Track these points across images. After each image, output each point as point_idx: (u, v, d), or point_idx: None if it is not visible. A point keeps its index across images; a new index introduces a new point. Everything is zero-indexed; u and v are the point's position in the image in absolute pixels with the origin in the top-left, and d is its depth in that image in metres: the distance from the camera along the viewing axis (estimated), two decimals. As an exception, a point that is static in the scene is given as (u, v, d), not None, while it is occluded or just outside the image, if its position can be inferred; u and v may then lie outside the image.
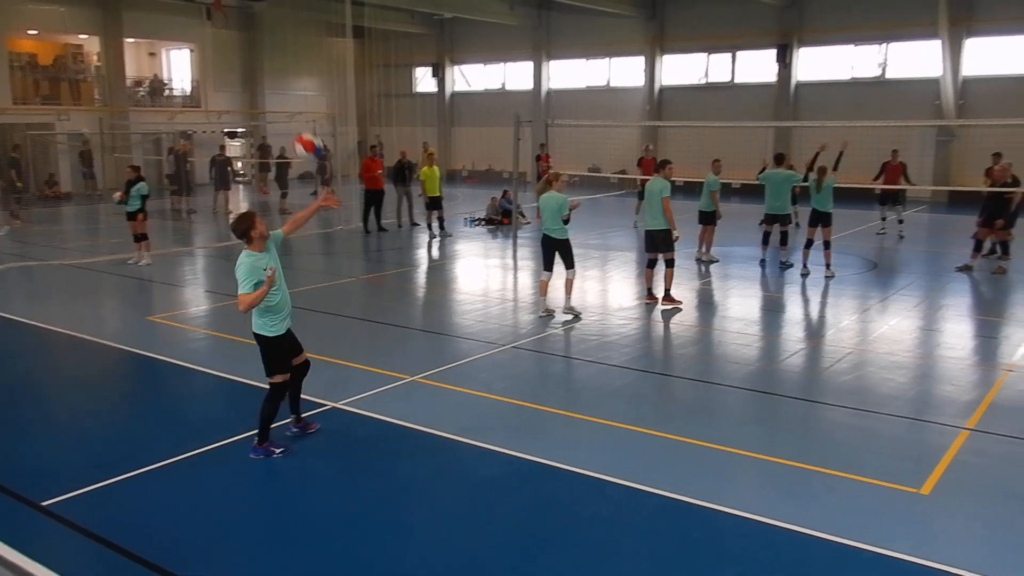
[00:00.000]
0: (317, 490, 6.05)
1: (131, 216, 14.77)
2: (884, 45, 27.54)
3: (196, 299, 12.86)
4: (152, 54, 35.27)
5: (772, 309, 11.98)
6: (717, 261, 15.02)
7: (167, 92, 34.87)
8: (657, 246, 11.55)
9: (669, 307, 11.33)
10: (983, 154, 17.82)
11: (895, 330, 10.49)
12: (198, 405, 8.13)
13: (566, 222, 10.73)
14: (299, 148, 7.40)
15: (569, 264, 10.85)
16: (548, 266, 10.98)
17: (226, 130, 33.53)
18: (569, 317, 10.87)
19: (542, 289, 11.05)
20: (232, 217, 6.76)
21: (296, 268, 15.92)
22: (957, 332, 10.54)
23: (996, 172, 14.47)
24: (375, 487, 6.05)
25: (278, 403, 6.53)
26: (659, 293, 11.64)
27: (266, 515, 5.68)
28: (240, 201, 27.75)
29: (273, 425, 6.54)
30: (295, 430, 6.90)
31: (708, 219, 14.88)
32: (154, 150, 31.69)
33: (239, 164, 36.53)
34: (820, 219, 13.51)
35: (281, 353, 6.59)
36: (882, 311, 11.49)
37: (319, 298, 12.29)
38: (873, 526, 5.34)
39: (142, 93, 33.65)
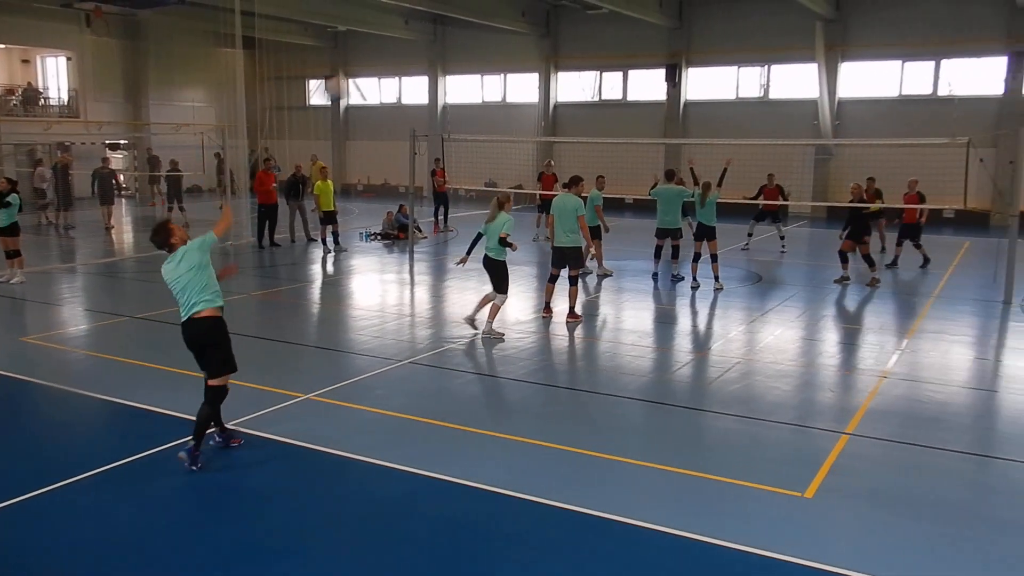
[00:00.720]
0: (206, 517, 5.82)
1: (5, 231, 13.93)
2: (766, 67, 28.77)
3: (75, 318, 12.23)
4: (26, 61, 33.48)
5: (664, 321, 12.29)
6: (611, 274, 15.29)
7: (42, 101, 33.16)
8: (566, 262, 11.58)
9: (572, 322, 11.39)
10: (858, 172, 18.84)
11: (779, 340, 10.91)
12: (77, 430, 7.70)
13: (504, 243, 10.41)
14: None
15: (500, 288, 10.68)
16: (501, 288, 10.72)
17: (107, 142, 32.12)
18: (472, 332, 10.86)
19: (483, 305, 10.89)
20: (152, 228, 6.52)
21: (184, 285, 15.38)
22: (836, 341, 11.05)
23: (853, 189, 15.25)
24: (267, 512, 5.86)
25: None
26: (555, 306, 11.76)
27: (147, 546, 5.41)
28: (123, 215, 26.63)
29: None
30: (218, 440, 6.75)
31: (595, 233, 15.11)
32: (28, 162, 30.07)
33: (122, 177, 35.12)
34: (705, 233, 13.93)
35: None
36: (767, 322, 11.93)
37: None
38: (760, 530, 5.52)
39: (14, 102, 31.89)
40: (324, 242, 18.53)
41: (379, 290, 14.75)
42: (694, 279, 14.01)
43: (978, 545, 5.43)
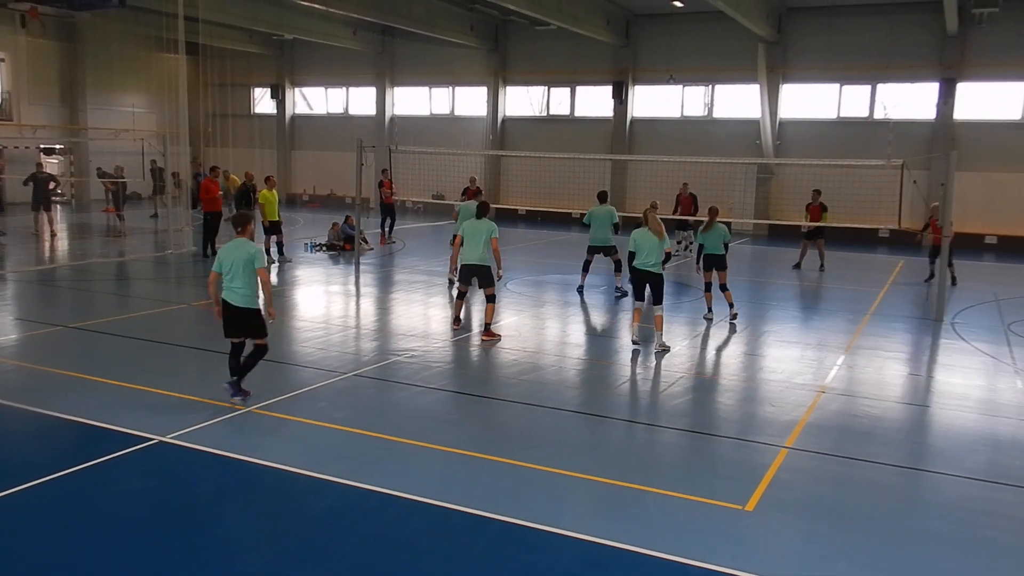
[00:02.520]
0: (134, 534, 5.65)
1: None
2: (710, 87, 29.33)
3: (3, 328, 11.82)
4: (-43, 62, 32.43)
5: (605, 335, 12.37)
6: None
7: (-26, 103, 32.11)
8: (473, 278, 11.51)
9: (489, 340, 11.11)
10: (798, 190, 19.30)
11: (722, 354, 11.07)
12: (3, 444, 7.44)
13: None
14: None
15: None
16: (640, 296, 11.01)
17: (42, 146, 31.23)
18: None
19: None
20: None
21: (123, 294, 15.01)
22: (777, 356, 11.26)
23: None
24: (203, 527, 5.73)
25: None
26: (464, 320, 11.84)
27: (72, 565, 5.24)
28: (57, 220, 25.90)
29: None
30: (228, 386, 8.14)
31: None
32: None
33: (53, 184, 34.13)
34: (713, 263, 13.07)
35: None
36: (709, 337, 12.11)
37: (147, 326, 11.61)
38: (701, 543, 5.58)
39: (-56, 103, 30.85)
40: (268, 252, 18.25)
41: (324, 302, 14.58)
42: (709, 310, 13.06)
43: (908, 555, 5.58)
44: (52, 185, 22.14)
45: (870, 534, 5.84)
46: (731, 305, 12.93)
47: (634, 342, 10.91)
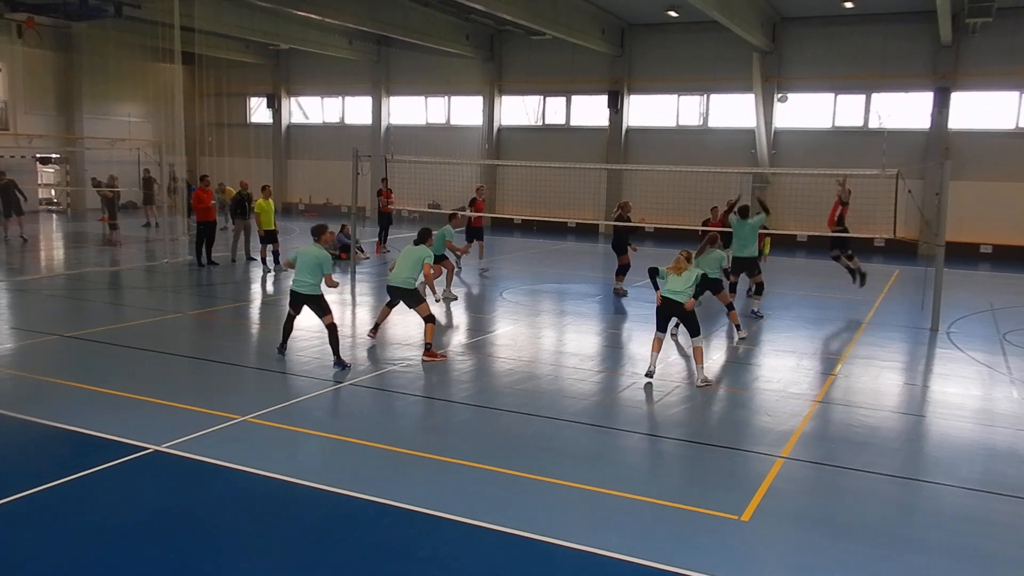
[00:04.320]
0: (134, 543, 5.63)
1: None
2: (705, 96, 29.42)
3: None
4: (-47, 71, 32.42)
5: (606, 345, 12.37)
6: (456, 299, 15.22)
7: (-30, 113, 32.08)
8: (399, 301, 11.23)
9: (429, 361, 10.60)
10: (794, 199, 19.29)
11: (717, 364, 11.08)
12: (-2, 454, 7.42)
13: None
14: None
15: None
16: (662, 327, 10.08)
17: (38, 155, 31.22)
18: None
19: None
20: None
21: (118, 303, 14.98)
22: (773, 366, 11.27)
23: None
24: (199, 537, 5.71)
25: None
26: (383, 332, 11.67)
27: (72, 574, 5.22)
28: (53, 230, 25.86)
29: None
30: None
31: (440, 259, 14.91)
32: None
33: (52, 191, 34.16)
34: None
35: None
36: (704, 346, 12.09)
37: (142, 335, 11.59)
38: (697, 553, 5.58)
39: (-59, 113, 30.82)
40: (264, 261, 18.25)
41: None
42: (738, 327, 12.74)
43: (904, 565, 5.57)
44: (18, 190, 22.23)
45: (866, 544, 5.83)
46: (738, 327, 12.61)
47: (648, 373, 9.95)
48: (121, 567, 5.28)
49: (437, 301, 11.32)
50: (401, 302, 11.17)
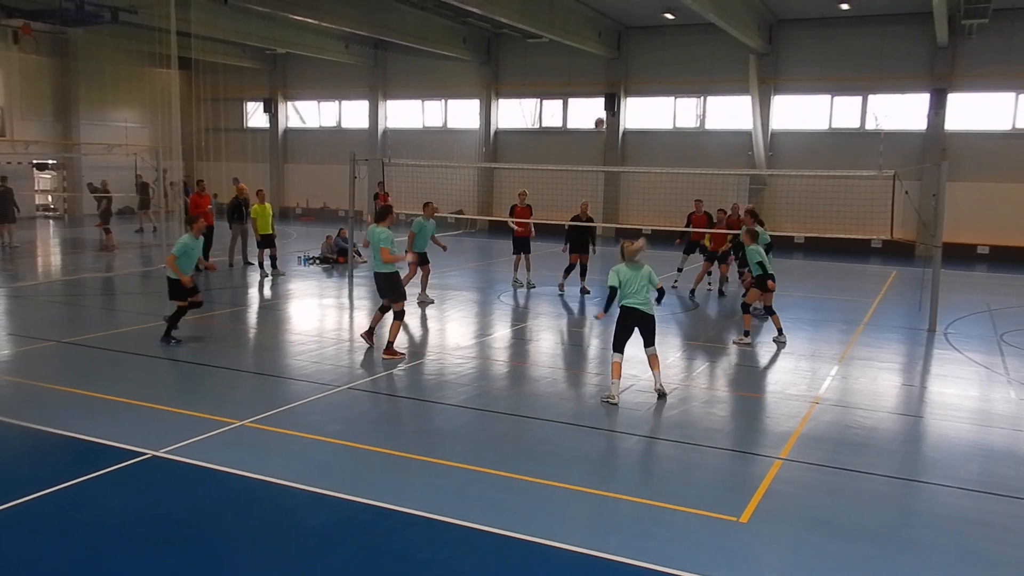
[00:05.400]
0: (131, 548, 5.62)
1: None
2: (702, 98, 29.45)
3: (-4, 343, 11.77)
4: (-50, 78, 32.40)
5: (599, 347, 12.36)
6: (432, 302, 15.09)
7: (-33, 119, 32.06)
8: (382, 292, 11.21)
9: (389, 359, 10.64)
10: (791, 201, 19.33)
11: (716, 366, 11.08)
12: (-4, 460, 7.40)
13: None
14: None
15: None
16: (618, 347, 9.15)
17: (35, 161, 31.18)
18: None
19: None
20: None
21: (115, 308, 14.98)
22: (771, 367, 11.27)
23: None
24: (197, 542, 5.69)
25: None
26: (378, 338, 11.36)
27: (73, 578, 5.22)
28: (50, 236, 25.84)
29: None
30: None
31: (424, 259, 15.06)
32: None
33: (49, 197, 34.13)
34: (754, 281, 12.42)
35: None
36: (702, 349, 12.12)
37: (138, 340, 11.57)
38: (696, 555, 5.57)
39: (-63, 119, 30.79)
40: (261, 266, 18.24)
41: (317, 315, 14.57)
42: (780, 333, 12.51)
43: (902, 566, 5.57)
44: (12, 198, 22.25)
45: (864, 545, 5.83)
46: (747, 332, 12.41)
47: (609, 401, 8.97)
48: (119, 573, 5.26)
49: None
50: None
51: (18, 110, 31.96)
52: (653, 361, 9.22)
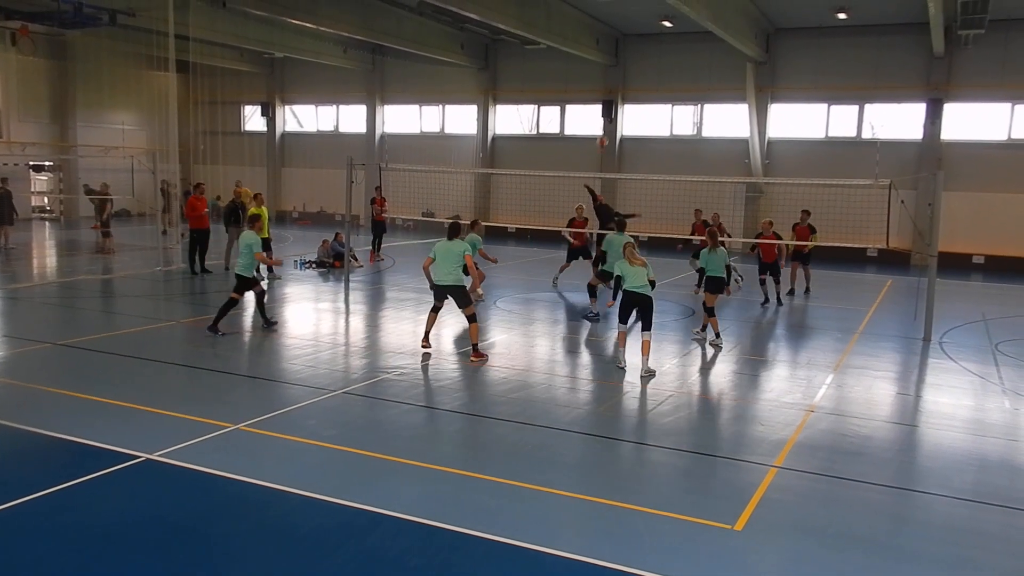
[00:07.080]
0: (124, 552, 5.60)
1: None
2: (699, 106, 29.53)
3: (-9, 345, 11.75)
4: (-53, 79, 32.37)
5: (597, 354, 12.37)
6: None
7: (-36, 121, 32.01)
8: (447, 297, 11.47)
9: (478, 361, 10.99)
10: (787, 209, 19.35)
11: (712, 373, 11.08)
12: (-11, 462, 7.38)
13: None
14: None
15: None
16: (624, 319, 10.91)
17: (31, 163, 31.11)
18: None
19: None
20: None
21: (110, 311, 14.95)
22: (766, 375, 11.28)
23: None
24: (191, 546, 5.68)
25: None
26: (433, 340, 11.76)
27: (65, 582, 5.20)
28: (46, 238, 25.79)
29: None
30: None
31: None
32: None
33: (45, 199, 34.09)
34: (713, 284, 12.82)
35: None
36: (699, 355, 12.12)
37: (133, 343, 11.55)
38: (690, 563, 5.57)
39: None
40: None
41: (313, 319, 14.55)
42: (717, 335, 12.72)
43: (894, 575, 5.59)
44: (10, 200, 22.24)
45: (858, 554, 5.83)
46: (718, 335, 12.62)
47: (620, 367, 10.81)
48: (111, 576, 5.25)
49: (480, 299, 11.66)
50: (446, 302, 11.58)
51: (15, 112, 31.95)
52: (645, 347, 10.54)
